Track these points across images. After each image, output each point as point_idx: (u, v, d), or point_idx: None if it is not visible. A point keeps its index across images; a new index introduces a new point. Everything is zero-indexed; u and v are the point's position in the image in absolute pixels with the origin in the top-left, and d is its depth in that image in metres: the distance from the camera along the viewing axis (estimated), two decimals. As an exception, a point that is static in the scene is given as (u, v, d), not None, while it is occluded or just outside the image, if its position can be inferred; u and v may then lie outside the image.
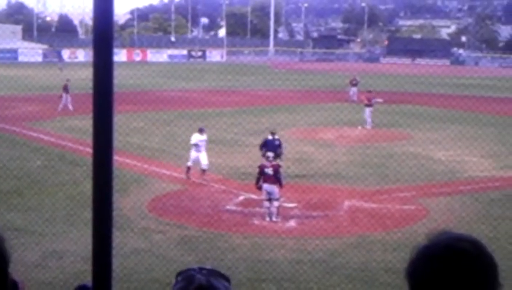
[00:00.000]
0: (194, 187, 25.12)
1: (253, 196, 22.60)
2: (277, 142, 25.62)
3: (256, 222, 21.01)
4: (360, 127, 39.20)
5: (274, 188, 20.86)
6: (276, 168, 21.01)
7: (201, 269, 2.60)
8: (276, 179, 20.87)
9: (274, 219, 20.91)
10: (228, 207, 22.52)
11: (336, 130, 36.82)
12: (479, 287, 2.25)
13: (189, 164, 26.16)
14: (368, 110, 40.43)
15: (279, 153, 24.74)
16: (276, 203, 21.01)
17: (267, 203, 21.03)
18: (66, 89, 46.44)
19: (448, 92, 57.83)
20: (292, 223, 20.96)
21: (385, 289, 15.61)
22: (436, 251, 2.31)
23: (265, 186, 20.90)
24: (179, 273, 2.61)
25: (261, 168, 21.11)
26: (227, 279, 2.60)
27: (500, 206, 22.63)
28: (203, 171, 25.93)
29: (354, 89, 45.61)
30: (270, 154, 21.87)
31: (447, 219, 21.14)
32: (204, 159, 25.97)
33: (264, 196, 21.11)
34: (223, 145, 33.13)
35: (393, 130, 38.76)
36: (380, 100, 51.89)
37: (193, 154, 26.23)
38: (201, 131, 26.75)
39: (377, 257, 17.74)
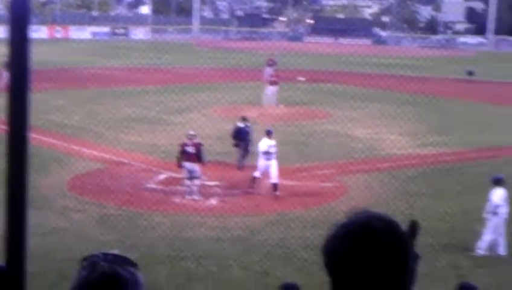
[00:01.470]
0: (114, 166, 24.90)
1: (174, 174, 22.55)
2: (247, 129, 25.26)
3: (176, 200, 21.00)
4: (281, 106, 39.38)
5: (195, 167, 20.86)
6: (198, 147, 21.00)
7: (105, 254, 2.52)
8: (197, 157, 20.88)
9: (195, 197, 20.94)
10: (149, 185, 22.44)
11: (257, 108, 36.91)
12: (391, 265, 2.30)
13: (257, 174, 22.05)
14: (271, 88, 40.19)
15: (249, 139, 24.82)
16: (197, 182, 21.04)
17: (188, 182, 21.03)
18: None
19: (368, 71, 58.55)
20: (213, 201, 21.03)
21: (302, 264, 15.83)
22: (351, 228, 2.34)
23: (187, 164, 20.89)
24: (84, 259, 2.53)
25: (183, 147, 21.07)
26: (134, 264, 2.54)
27: (416, 184, 23.14)
28: (274, 186, 21.68)
29: (268, 70, 45.57)
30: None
31: (365, 196, 21.53)
32: (274, 171, 21.75)
33: (185, 174, 21.09)
34: (145, 124, 32.89)
35: (313, 109, 39.09)
36: (302, 79, 52.30)
37: (262, 163, 22.04)
38: (269, 134, 22.51)
39: (295, 234, 17.97)
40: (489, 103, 42.84)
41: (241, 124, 25.27)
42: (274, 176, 21.56)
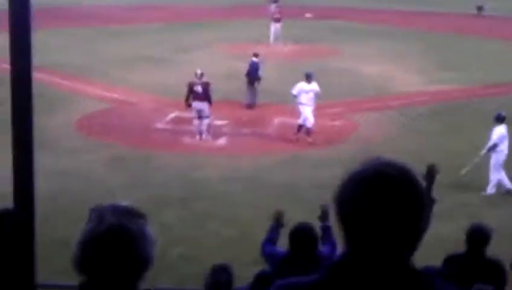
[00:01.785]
0: (121, 105, 24.79)
1: (184, 114, 22.41)
2: (257, 66, 25.16)
3: (186, 140, 20.93)
4: (289, 44, 38.97)
5: (204, 106, 20.70)
6: (206, 86, 20.81)
7: (114, 206, 2.48)
8: (206, 96, 20.70)
9: (204, 136, 20.86)
10: (158, 125, 22.35)
11: (265, 46, 36.51)
12: (405, 212, 2.25)
13: (300, 121, 20.89)
14: (276, 25, 39.67)
15: (259, 77, 24.84)
16: (206, 121, 20.91)
17: (196, 121, 20.91)
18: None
19: (377, 7, 57.84)
20: (223, 140, 20.96)
21: (314, 203, 15.78)
22: (364, 175, 2.28)
23: (195, 104, 20.73)
24: (92, 211, 2.49)
25: (191, 86, 20.88)
26: (142, 216, 2.51)
27: (427, 121, 23.01)
28: (308, 130, 20.79)
29: (272, 6, 44.76)
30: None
31: (376, 134, 21.39)
32: (310, 117, 20.72)
33: (194, 114, 20.95)
34: (150, 63, 32.62)
35: (322, 46, 38.72)
36: (309, 15, 51.70)
37: (303, 108, 20.86)
38: (308, 78, 21.22)
39: (306, 173, 17.91)
40: (499, 39, 42.26)
41: (255, 59, 25.17)
42: (309, 121, 20.59)
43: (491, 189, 16.70)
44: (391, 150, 19.64)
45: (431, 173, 7.50)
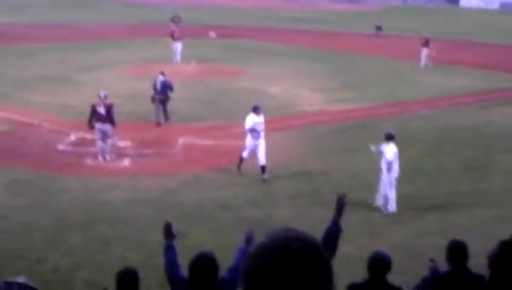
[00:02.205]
0: (23, 127, 24.24)
1: (86, 136, 22.10)
2: (167, 83, 25.30)
3: (89, 162, 20.63)
4: (193, 63, 38.99)
5: (107, 127, 20.49)
6: (109, 107, 20.61)
7: (8, 284, 2.38)
8: (109, 118, 20.50)
9: (107, 158, 20.62)
10: (60, 147, 21.95)
11: (169, 65, 36.46)
12: (310, 287, 2.24)
13: (245, 155, 19.72)
14: (176, 45, 39.60)
15: (169, 95, 25.05)
16: (109, 142, 20.70)
17: (100, 143, 20.66)
18: None
19: (281, 26, 58.57)
20: (126, 162, 20.75)
21: (220, 223, 15.83)
22: (270, 249, 2.28)
23: (98, 125, 20.50)
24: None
25: (94, 107, 20.66)
26: None
27: (329, 140, 23.36)
28: (263, 169, 19.37)
29: (173, 26, 44.68)
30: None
31: (280, 154, 21.57)
32: (262, 152, 19.42)
33: (97, 136, 20.71)
34: (52, 83, 32.07)
35: (226, 65, 38.90)
36: (213, 34, 51.90)
37: (249, 141, 19.62)
38: (256, 110, 19.85)
39: (211, 194, 17.91)
40: (397, 58, 43.41)
41: (162, 78, 25.22)
42: (262, 158, 19.30)
43: (392, 207, 17.02)
44: (297, 169, 19.93)
45: (340, 203, 7.68)
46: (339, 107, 28.74)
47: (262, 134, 19.63)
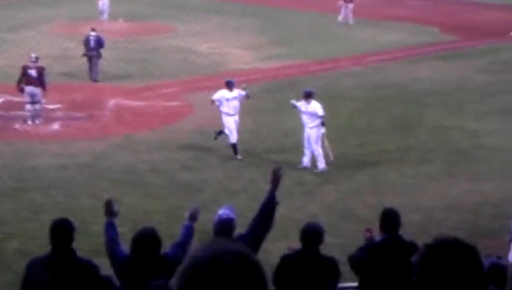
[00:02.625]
0: None
1: (14, 99, 21.61)
2: (99, 39, 25.26)
3: (17, 126, 20.25)
4: (121, 20, 38.27)
5: (37, 90, 20.05)
6: (40, 70, 20.19)
7: None
8: (39, 81, 20.07)
9: (37, 121, 20.25)
10: (-14, 111, 21.46)
11: (96, 24, 35.78)
12: None
13: (234, 139, 18.12)
14: (104, 1, 38.74)
15: (100, 51, 25.01)
16: (38, 106, 20.29)
17: (29, 106, 20.23)
18: None
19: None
20: (56, 126, 20.44)
21: (152, 188, 15.79)
22: (201, 262, 2.29)
23: (28, 88, 20.04)
24: None
25: (24, 69, 20.18)
26: None
27: (260, 99, 23.35)
28: (234, 146, 18.07)
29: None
30: None
31: (211, 114, 21.46)
32: (234, 129, 18.18)
33: (26, 99, 20.24)
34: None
35: (155, 23, 38.37)
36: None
37: (229, 122, 18.22)
38: (229, 85, 18.69)
39: (142, 157, 17.79)
40: (326, 12, 43.36)
41: (94, 34, 25.04)
42: (234, 136, 18.04)
43: (321, 163, 17.12)
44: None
45: (276, 176, 7.74)
46: (270, 65, 28.73)
47: (236, 110, 18.32)
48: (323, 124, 17.17)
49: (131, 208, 13.84)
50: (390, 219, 8.12)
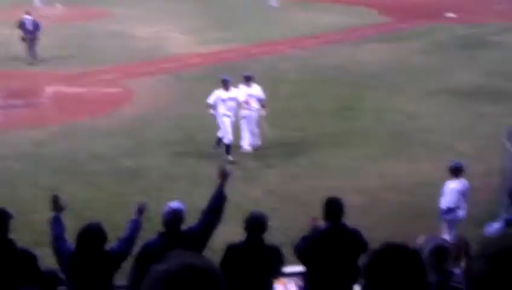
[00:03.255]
0: None
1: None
2: (36, 22, 25.42)
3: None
4: (58, 5, 37.71)
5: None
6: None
7: None
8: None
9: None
10: None
11: (31, 9, 35.18)
12: None
13: (228, 140, 16.73)
14: None
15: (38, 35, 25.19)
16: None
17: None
18: None
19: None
20: (-6, 114, 20.11)
21: (93, 176, 15.66)
22: (163, 276, 2.33)
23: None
24: None
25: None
26: None
27: (200, 83, 23.31)
28: (227, 147, 16.83)
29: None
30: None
31: (151, 100, 21.41)
32: (229, 130, 16.82)
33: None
34: None
35: (93, 8, 37.91)
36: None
37: (225, 124, 16.73)
38: (225, 84, 16.90)
39: (83, 144, 17.61)
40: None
41: (29, 17, 24.93)
42: (229, 138, 16.71)
43: (246, 145, 17.33)
44: (170, 116, 19.82)
45: (224, 174, 7.91)
46: (210, 49, 28.66)
47: (233, 111, 16.84)
48: (263, 106, 17.30)
49: (72, 196, 13.65)
50: (333, 207, 8.21)
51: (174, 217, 7.53)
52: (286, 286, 9.01)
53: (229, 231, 11.88)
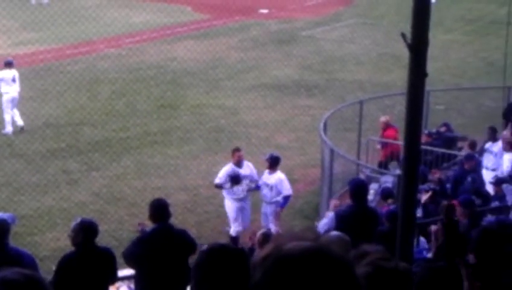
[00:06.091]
0: None
1: None
2: None
3: None
4: None
5: None
6: None
7: None
8: None
9: None
10: None
11: None
12: None
13: (235, 232, 13.25)
14: None
15: None
16: None
17: None
18: None
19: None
20: None
21: None
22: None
23: None
24: None
25: None
26: None
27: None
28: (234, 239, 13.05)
29: None
30: None
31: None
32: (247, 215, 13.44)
33: None
34: None
35: None
36: None
37: (232, 207, 13.25)
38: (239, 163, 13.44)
39: None
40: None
41: None
42: (236, 230, 13.33)
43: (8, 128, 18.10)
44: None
45: None
46: (23, 50, 27.78)
47: (248, 195, 13.43)
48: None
49: None
50: (159, 208, 8.36)
51: None
52: (119, 290, 9.05)
53: (57, 238, 11.79)
